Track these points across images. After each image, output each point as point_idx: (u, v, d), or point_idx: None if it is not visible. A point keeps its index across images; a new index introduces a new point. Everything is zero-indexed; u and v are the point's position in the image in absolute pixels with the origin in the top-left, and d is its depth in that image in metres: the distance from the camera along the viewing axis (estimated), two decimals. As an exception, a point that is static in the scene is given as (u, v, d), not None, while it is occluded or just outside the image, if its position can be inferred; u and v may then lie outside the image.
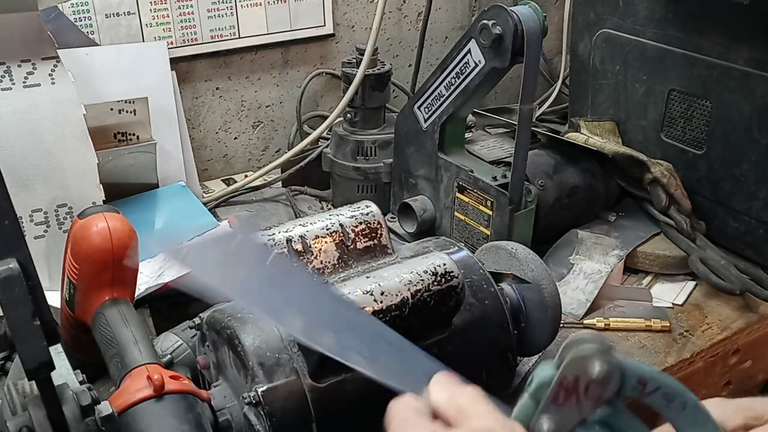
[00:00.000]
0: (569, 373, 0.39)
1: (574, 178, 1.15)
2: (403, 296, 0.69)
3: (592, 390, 0.39)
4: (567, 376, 0.39)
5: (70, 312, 0.77)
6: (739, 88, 1.06)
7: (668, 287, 1.09)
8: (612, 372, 0.39)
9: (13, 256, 0.49)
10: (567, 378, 0.39)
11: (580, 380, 0.39)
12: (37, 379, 0.53)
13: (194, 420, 0.63)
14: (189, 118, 1.37)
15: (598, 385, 0.39)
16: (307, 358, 0.67)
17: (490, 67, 0.99)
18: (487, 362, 0.78)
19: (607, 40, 1.25)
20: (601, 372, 0.39)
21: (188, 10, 1.30)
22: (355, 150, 1.23)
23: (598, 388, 0.39)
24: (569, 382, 0.39)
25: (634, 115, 1.24)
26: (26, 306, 0.49)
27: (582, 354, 0.39)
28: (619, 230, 1.16)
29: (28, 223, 0.98)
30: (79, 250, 0.73)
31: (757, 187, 1.07)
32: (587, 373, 0.39)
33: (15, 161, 0.95)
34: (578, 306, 1.03)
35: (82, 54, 1.15)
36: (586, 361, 0.39)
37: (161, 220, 1.15)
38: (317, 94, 1.50)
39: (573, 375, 0.39)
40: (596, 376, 0.39)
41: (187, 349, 0.81)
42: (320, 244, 0.78)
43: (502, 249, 0.86)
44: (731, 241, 1.14)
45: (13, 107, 0.95)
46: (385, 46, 1.53)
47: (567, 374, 0.39)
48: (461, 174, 1.08)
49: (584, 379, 0.39)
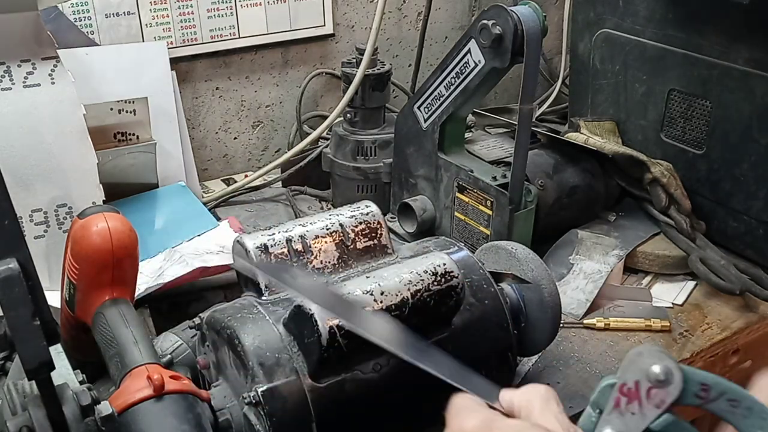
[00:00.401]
0: (629, 378, 0.39)
1: (574, 178, 1.15)
2: (403, 296, 0.69)
3: (654, 394, 0.39)
4: (627, 380, 0.39)
5: (70, 312, 0.77)
6: (739, 88, 1.06)
7: (668, 287, 1.09)
8: (672, 374, 0.39)
9: (13, 256, 0.49)
10: (627, 383, 0.39)
11: (641, 384, 0.39)
12: (37, 379, 0.53)
13: (194, 420, 0.63)
14: (189, 118, 1.37)
15: (659, 389, 0.39)
16: (307, 358, 0.67)
17: (490, 67, 0.99)
18: (487, 362, 0.78)
19: (607, 39, 1.25)
20: (661, 373, 0.39)
21: (188, 10, 1.30)
22: (355, 150, 1.23)
23: (660, 393, 0.39)
24: (630, 387, 0.39)
25: (634, 115, 1.24)
26: (26, 306, 0.49)
27: (641, 357, 0.39)
28: (619, 230, 1.16)
29: (28, 223, 0.98)
30: (79, 250, 0.73)
31: (757, 187, 1.07)
32: (647, 376, 0.39)
33: (15, 161, 0.95)
34: (578, 306, 1.03)
35: (82, 54, 1.15)
36: (646, 364, 0.39)
37: (161, 220, 1.16)
38: (317, 94, 1.50)
39: (633, 379, 0.39)
40: (657, 377, 0.39)
41: (187, 349, 0.81)
42: (320, 244, 0.78)
43: (502, 249, 0.86)
44: (731, 241, 1.14)
45: (13, 107, 0.95)
46: (385, 46, 1.53)
47: (627, 379, 0.39)
48: (461, 174, 1.08)
49: (645, 383, 0.39)
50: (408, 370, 0.73)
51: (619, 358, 0.94)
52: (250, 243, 0.75)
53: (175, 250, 1.06)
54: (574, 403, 0.86)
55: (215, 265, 1.00)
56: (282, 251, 0.76)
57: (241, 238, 0.77)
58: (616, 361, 0.94)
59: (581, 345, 0.97)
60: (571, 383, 0.89)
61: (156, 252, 1.07)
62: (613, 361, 0.94)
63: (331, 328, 0.65)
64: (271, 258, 0.75)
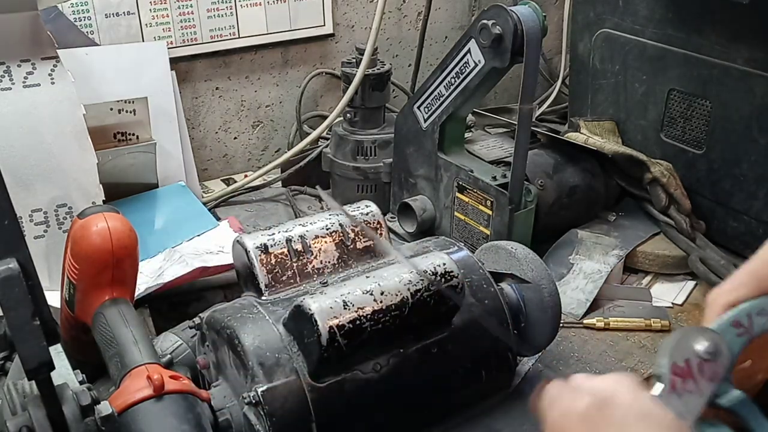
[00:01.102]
0: (678, 359, 0.40)
1: (574, 178, 1.15)
2: (403, 296, 0.69)
3: (706, 368, 0.40)
4: (677, 361, 0.40)
5: (70, 312, 0.77)
6: (739, 87, 1.06)
7: (668, 287, 1.09)
8: (719, 344, 0.40)
9: (13, 256, 0.49)
10: (677, 363, 0.40)
11: (691, 362, 0.40)
12: (37, 379, 0.53)
13: (194, 420, 0.63)
14: (189, 118, 1.37)
15: (710, 362, 0.40)
16: (307, 358, 0.67)
17: (489, 67, 0.99)
18: (487, 362, 0.78)
19: (607, 39, 1.25)
20: (709, 346, 0.40)
21: (188, 10, 1.30)
22: (354, 150, 1.23)
23: (711, 365, 0.40)
24: (681, 367, 0.40)
25: (634, 114, 1.24)
26: (26, 306, 0.49)
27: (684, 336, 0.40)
28: (619, 230, 1.16)
29: (28, 223, 0.98)
30: (79, 250, 0.73)
31: (757, 186, 1.07)
32: (696, 352, 0.40)
33: (15, 161, 0.95)
34: (578, 306, 1.03)
35: (82, 54, 1.15)
36: (690, 341, 0.40)
37: (161, 220, 1.16)
38: (317, 94, 1.50)
39: (683, 358, 0.40)
40: (705, 349, 0.40)
41: (187, 349, 0.81)
42: (320, 244, 0.78)
43: (502, 249, 0.86)
44: (731, 240, 1.14)
45: (13, 107, 0.95)
46: (385, 45, 1.53)
47: (676, 360, 0.40)
48: (461, 174, 1.08)
49: (695, 359, 0.40)
50: (408, 370, 0.73)
51: (619, 358, 0.94)
52: (250, 243, 0.75)
53: (175, 250, 1.07)
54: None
55: (215, 265, 1.00)
56: (282, 251, 0.76)
57: (241, 238, 0.77)
58: (616, 361, 0.94)
59: (581, 345, 0.97)
60: (571, 383, 0.89)
61: (156, 252, 1.07)
62: (613, 360, 0.94)
63: (331, 328, 0.65)
64: (271, 258, 0.75)
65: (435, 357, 0.74)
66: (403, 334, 0.72)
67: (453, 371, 0.76)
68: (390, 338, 0.70)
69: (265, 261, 0.75)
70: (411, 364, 0.72)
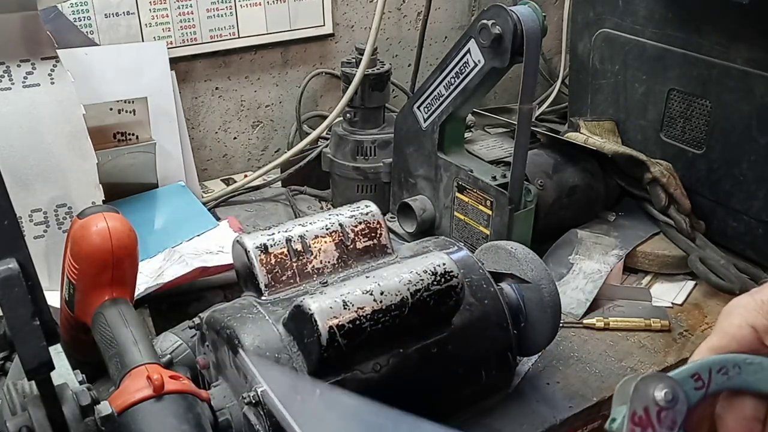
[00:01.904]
0: (638, 407, 0.40)
1: (574, 178, 1.15)
2: (403, 296, 0.69)
3: (664, 417, 0.40)
4: (636, 410, 0.40)
5: (70, 312, 0.77)
6: (739, 87, 1.06)
7: (668, 287, 1.09)
8: (677, 391, 0.40)
9: (12, 256, 0.49)
10: (637, 412, 0.40)
11: (650, 410, 0.40)
12: (37, 379, 0.53)
13: (194, 420, 0.63)
14: (188, 118, 1.37)
15: (668, 410, 0.40)
16: (307, 358, 0.67)
17: (489, 67, 0.99)
18: (487, 362, 0.78)
19: (607, 39, 1.25)
20: (668, 394, 0.40)
21: (188, 10, 1.30)
22: (354, 150, 1.23)
23: (669, 413, 0.40)
24: (640, 416, 0.40)
25: (634, 114, 1.24)
26: (26, 306, 0.49)
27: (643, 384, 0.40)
28: (619, 230, 1.16)
29: (28, 223, 0.98)
30: (79, 250, 0.73)
31: (757, 186, 1.07)
32: (654, 399, 0.40)
33: (15, 161, 0.95)
34: (578, 305, 1.03)
35: (82, 54, 1.15)
36: (649, 389, 0.40)
37: (161, 220, 1.16)
38: (317, 94, 1.50)
39: (642, 407, 0.40)
40: (664, 397, 0.40)
41: (186, 349, 0.81)
42: (320, 244, 0.78)
43: (502, 249, 0.86)
44: (731, 240, 1.14)
45: (13, 107, 0.95)
46: (385, 45, 1.53)
47: (636, 408, 0.40)
48: (461, 174, 1.08)
49: (654, 407, 0.40)
50: (408, 370, 0.73)
51: (619, 358, 0.94)
52: (250, 243, 0.75)
53: (174, 250, 1.06)
54: (573, 403, 0.86)
55: (215, 265, 1.00)
56: (282, 251, 0.76)
57: (240, 238, 0.77)
58: (616, 361, 0.94)
59: (581, 345, 0.97)
60: (571, 383, 0.89)
61: (156, 252, 1.07)
62: (612, 360, 0.94)
63: (331, 328, 0.65)
64: (270, 258, 0.75)
65: (435, 357, 0.74)
66: (403, 334, 0.72)
67: (453, 371, 0.76)
68: (390, 338, 0.70)
69: (264, 261, 0.75)
70: (411, 364, 0.72)
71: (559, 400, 0.86)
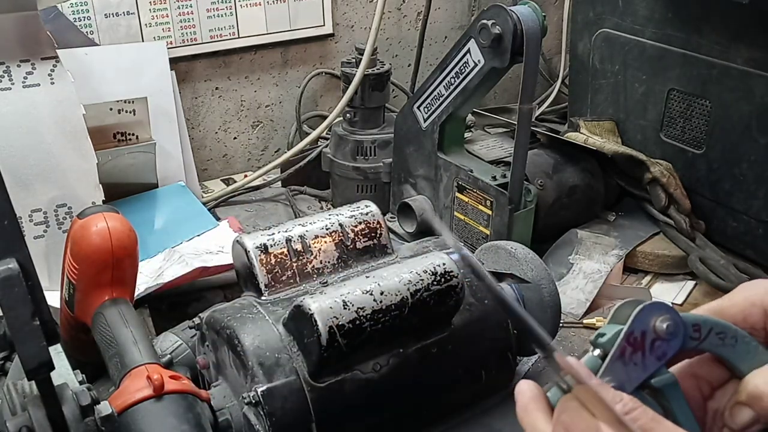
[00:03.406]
0: (636, 329, 0.40)
1: (574, 178, 1.15)
2: (403, 296, 0.69)
3: (657, 346, 0.40)
4: (634, 331, 0.40)
5: (70, 312, 0.77)
6: (739, 87, 1.06)
7: (668, 287, 1.09)
8: (678, 328, 0.40)
9: (12, 256, 0.49)
10: (634, 333, 0.40)
11: (647, 336, 0.40)
12: (37, 379, 0.53)
13: (194, 420, 0.63)
14: (188, 118, 1.37)
15: (663, 341, 0.40)
16: (307, 358, 0.67)
17: (489, 67, 0.99)
18: (486, 362, 0.78)
19: (607, 39, 1.25)
20: (670, 327, 0.40)
21: (188, 10, 1.30)
22: (354, 150, 1.23)
23: (663, 345, 0.40)
24: (636, 338, 0.40)
25: (634, 114, 1.24)
26: (26, 306, 0.49)
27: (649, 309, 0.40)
28: (619, 230, 1.16)
29: (28, 223, 0.97)
30: (79, 250, 0.73)
31: (757, 186, 1.07)
32: (655, 329, 0.40)
33: (15, 161, 0.95)
34: (578, 305, 1.03)
35: (82, 54, 1.15)
36: (655, 317, 0.40)
37: (161, 220, 1.16)
38: (317, 94, 1.50)
39: (640, 330, 0.40)
40: (665, 330, 0.40)
41: (186, 349, 0.81)
42: (320, 244, 0.78)
43: (502, 249, 0.86)
44: (731, 240, 1.14)
45: (13, 107, 0.95)
46: (385, 45, 1.53)
47: (634, 329, 0.40)
48: (461, 174, 1.08)
49: (651, 335, 0.40)
50: (408, 370, 0.73)
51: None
52: (250, 243, 0.75)
53: (174, 250, 1.06)
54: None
55: (215, 265, 1.00)
56: (282, 251, 0.76)
57: (240, 238, 0.77)
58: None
59: (581, 345, 0.97)
60: (571, 383, 0.89)
61: (156, 252, 1.07)
62: (612, 360, 0.94)
63: (331, 328, 0.65)
64: (270, 258, 0.75)
65: (435, 357, 0.74)
66: (403, 334, 0.72)
67: (453, 371, 0.76)
68: (390, 338, 0.70)
69: (264, 261, 0.75)
70: (411, 364, 0.72)
71: (559, 400, 0.86)
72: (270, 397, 0.65)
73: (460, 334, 0.76)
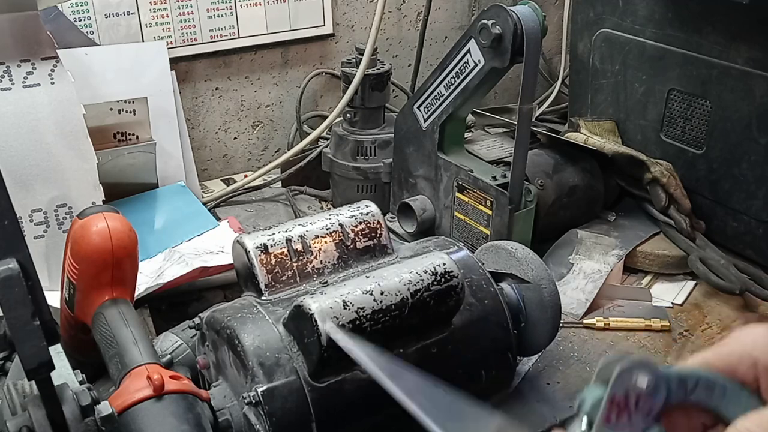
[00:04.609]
0: (618, 390, 0.40)
1: (574, 178, 1.15)
2: (403, 296, 0.69)
3: (642, 404, 0.40)
4: (616, 392, 0.40)
5: (70, 312, 0.77)
6: (739, 87, 1.06)
7: (668, 287, 1.09)
8: (659, 382, 0.40)
9: (12, 256, 0.49)
10: (617, 395, 0.40)
11: (630, 395, 0.40)
12: (37, 379, 0.53)
13: (194, 420, 0.63)
14: (189, 118, 1.37)
15: (647, 398, 0.40)
16: (307, 358, 0.67)
17: (489, 67, 0.99)
18: (487, 362, 0.78)
19: (607, 39, 1.25)
20: (650, 382, 0.40)
21: (188, 10, 1.30)
22: (354, 150, 1.23)
23: (648, 401, 0.40)
24: (620, 399, 0.40)
25: (634, 114, 1.24)
26: (26, 306, 0.49)
27: (628, 368, 0.40)
28: (619, 230, 1.16)
29: (28, 223, 0.98)
30: (79, 250, 0.73)
31: (757, 186, 1.07)
32: (636, 387, 0.39)
33: (15, 161, 0.95)
34: (578, 305, 1.03)
35: (82, 54, 1.15)
36: (634, 375, 0.40)
37: (161, 220, 1.16)
38: (317, 94, 1.50)
39: (622, 390, 0.40)
40: (646, 387, 0.39)
41: (186, 349, 0.81)
42: (320, 244, 0.78)
43: (502, 249, 0.86)
44: (731, 240, 1.14)
45: (13, 107, 0.95)
46: (385, 45, 1.53)
47: (616, 391, 0.40)
48: (461, 174, 1.08)
49: (634, 393, 0.39)
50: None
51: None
52: (250, 243, 0.75)
53: (174, 250, 1.07)
54: (574, 403, 0.85)
55: (215, 265, 1.00)
56: (282, 251, 0.76)
57: (240, 238, 0.77)
58: (616, 361, 0.94)
59: (581, 345, 0.97)
60: (571, 383, 0.89)
61: (156, 252, 1.07)
62: (612, 360, 0.94)
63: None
64: (270, 258, 0.75)
65: (435, 357, 0.74)
66: (403, 334, 0.72)
67: (453, 371, 0.76)
68: (390, 338, 0.70)
69: (265, 261, 0.75)
70: (411, 364, 0.72)
71: (559, 400, 0.86)
72: (270, 397, 0.65)
73: (460, 334, 0.76)
